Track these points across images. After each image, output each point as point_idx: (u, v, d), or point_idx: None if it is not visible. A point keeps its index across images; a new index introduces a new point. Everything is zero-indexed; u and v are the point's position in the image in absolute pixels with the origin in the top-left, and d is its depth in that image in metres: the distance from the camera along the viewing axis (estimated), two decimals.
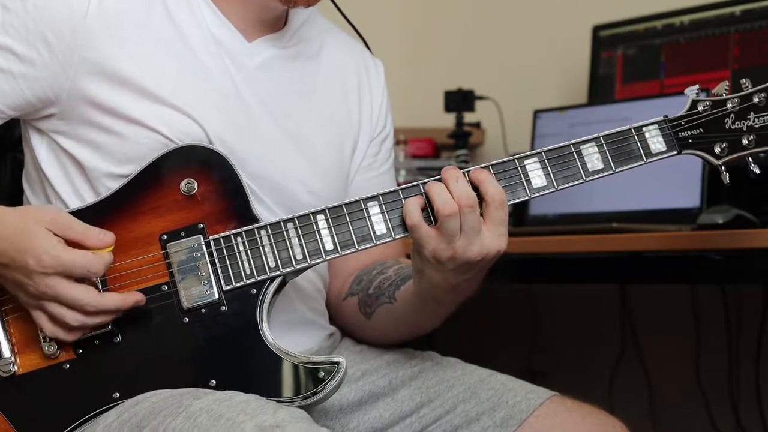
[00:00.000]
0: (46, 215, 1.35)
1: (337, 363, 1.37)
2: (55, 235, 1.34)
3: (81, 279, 1.34)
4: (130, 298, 1.36)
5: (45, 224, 1.34)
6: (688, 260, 1.80)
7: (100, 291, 1.36)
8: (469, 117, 2.64)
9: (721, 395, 2.51)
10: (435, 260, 1.38)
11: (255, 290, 1.40)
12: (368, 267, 1.62)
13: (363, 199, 1.41)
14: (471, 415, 1.51)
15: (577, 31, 2.62)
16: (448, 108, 2.61)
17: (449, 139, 2.63)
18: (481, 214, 1.37)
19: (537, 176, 1.42)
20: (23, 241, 1.33)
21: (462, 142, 2.61)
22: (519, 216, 2.31)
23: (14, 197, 1.62)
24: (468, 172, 1.40)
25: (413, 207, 1.38)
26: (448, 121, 2.65)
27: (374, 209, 1.41)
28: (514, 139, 2.66)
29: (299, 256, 1.40)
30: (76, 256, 1.33)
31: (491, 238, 1.37)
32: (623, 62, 2.45)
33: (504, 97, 2.70)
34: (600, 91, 2.48)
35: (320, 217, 1.41)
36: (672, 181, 2.06)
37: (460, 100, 2.60)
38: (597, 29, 2.51)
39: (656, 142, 1.44)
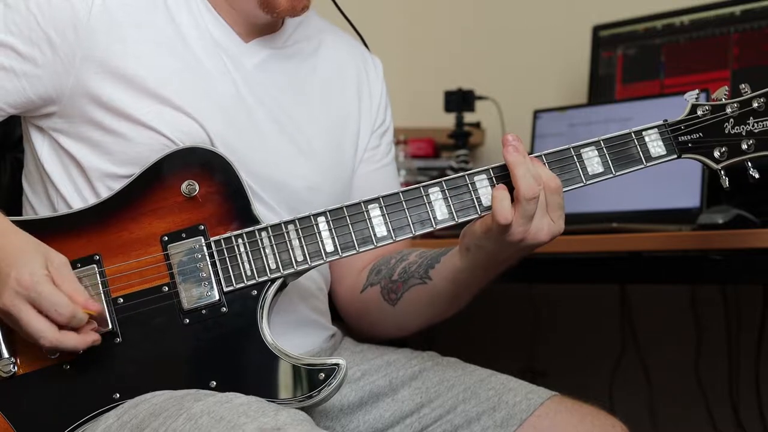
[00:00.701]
0: (57, 258, 1.35)
1: (337, 364, 1.37)
2: (51, 278, 1.33)
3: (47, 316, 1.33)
4: (88, 338, 1.35)
5: (49, 261, 1.34)
6: (688, 260, 1.80)
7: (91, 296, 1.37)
8: (469, 117, 2.64)
9: (721, 395, 2.51)
10: (507, 240, 1.40)
11: (255, 291, 1.40)
12: (384, 257, 1.62)
13: (363, 202, 1.42)
14: (471, 415, 1.51)
15: (577, 31, 2.62)
16: (448, 108, 2.61)
17: (449, 139, 2.63)
18: None
19: None
20: (18, 257, 1.33)
21: (462, 142, 2.61)
22: None
23: (14, 197, 1.62)
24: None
25: (507, 203, 1.38)
26: (448, 121, 2.65)
27: (375, 211, 1.41)
28: None
29: (300, 258, 1.40)
30: (52, 291, 1.32)
31: (557, 220, 1.40)
32: (623, 62, 2.45)
33: (504, 97, 2.69)
34: (600, 91, 2.48)
35: (321, 219, 1.41)
36: (672, 181, 2.06)
37: (460, 100, 2.60)
38: (597, 29, 2.51)
39: (656, 146, 1.44)
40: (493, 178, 1.42)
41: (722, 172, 1.44)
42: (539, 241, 1.40)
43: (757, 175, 1.43)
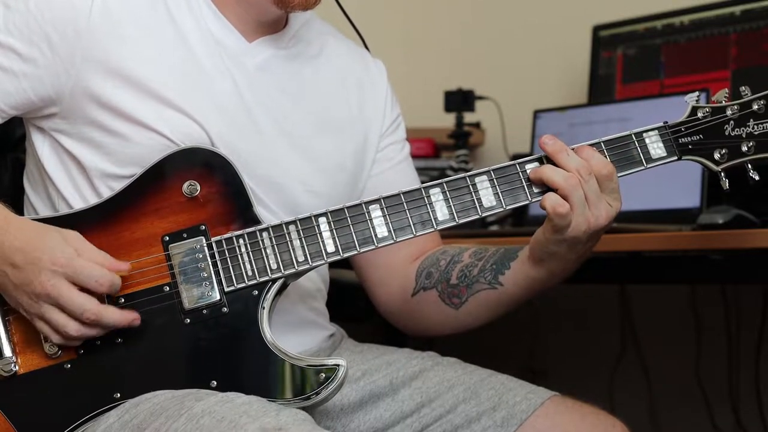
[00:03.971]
0: (71, 233, 1.37)
1: (337, 365, 1.37)
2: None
3: (85, 290, 1.35)
4: (129, 315, 1.37)
5: (67, 237, 1.36)
6: (688, 260, 1.81)
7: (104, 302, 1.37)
8: (469, 117, 2.64)
9: (721, 395, 2.51)
10: (572, 237, 1.41)
11: (256, 291, 1.40)
12: (428, 259, 1.63)
13: (365, 202, 1.42)
14: (471, 415, 1.51)
15: (577, 31, 2.62)
16: (448, 108, 2.61)
17: (449, 139, 2.63)
18: None
19: None
20: (42, 240, 1.34)
21: (462, 142, 2.61)
22: (519, 216, 2.31)
23: (15, 197, 1.62)
24: (573, 148, 1.43)
25: (556, 197, 1.40)
26: (448, 121, 2.65)
27: (376, 212, 1.41)
28: (514, 139, 2.66)
29: (301, 258, 1.41)
30: (85, 264, 1.34)
31: (612, 201, 1.42)
32: (623, 62, 2.46)
33: (504, 97, 2.69)
34: (600, 91, 2.48)
35: (322, 219, 1.41)
36: (672, 181, 2.06)
37: (460, 100, 2.60)
38: (597, 29, 2.51)
39: (656, 147, 1.45)
40: (494, 179, 1.43)
41: (722, 174, 1.44)
42: (600, 225, 1.41)
43: (757, 177, 1.43)
